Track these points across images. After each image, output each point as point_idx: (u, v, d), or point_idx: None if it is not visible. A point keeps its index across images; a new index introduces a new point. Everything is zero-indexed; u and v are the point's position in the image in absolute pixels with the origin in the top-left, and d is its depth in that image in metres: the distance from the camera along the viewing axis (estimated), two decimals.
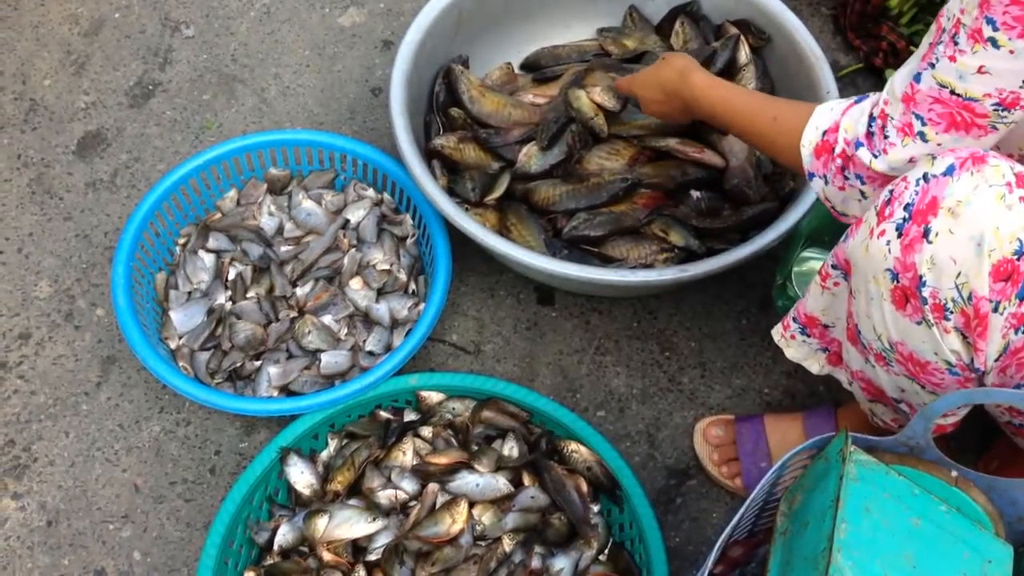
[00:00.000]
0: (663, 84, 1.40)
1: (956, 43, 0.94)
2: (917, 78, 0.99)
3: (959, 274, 0.95)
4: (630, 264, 1.53)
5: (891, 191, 1.02)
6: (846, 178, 1.09)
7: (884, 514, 1.00)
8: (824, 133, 1.11)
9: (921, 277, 0.97)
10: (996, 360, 1.01)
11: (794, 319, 1.28)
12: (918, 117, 1.00)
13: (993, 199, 0.93)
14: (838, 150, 1.09)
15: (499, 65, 1.78)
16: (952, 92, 0.96)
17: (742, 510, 1.12)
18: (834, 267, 1.15)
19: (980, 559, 0.99)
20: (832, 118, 1.11)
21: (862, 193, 1.09)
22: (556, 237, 1.57)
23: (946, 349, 1.01)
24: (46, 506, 1.48)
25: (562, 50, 1.81)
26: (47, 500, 1.49)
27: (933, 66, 0.97)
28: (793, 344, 1.30)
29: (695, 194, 1.59)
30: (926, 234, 0.96)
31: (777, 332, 1.32)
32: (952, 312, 0.98)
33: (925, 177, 0.98)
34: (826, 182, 1.12)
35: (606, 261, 1.54)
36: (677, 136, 1.60)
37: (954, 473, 1.08)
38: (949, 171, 0.97)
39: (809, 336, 1.28)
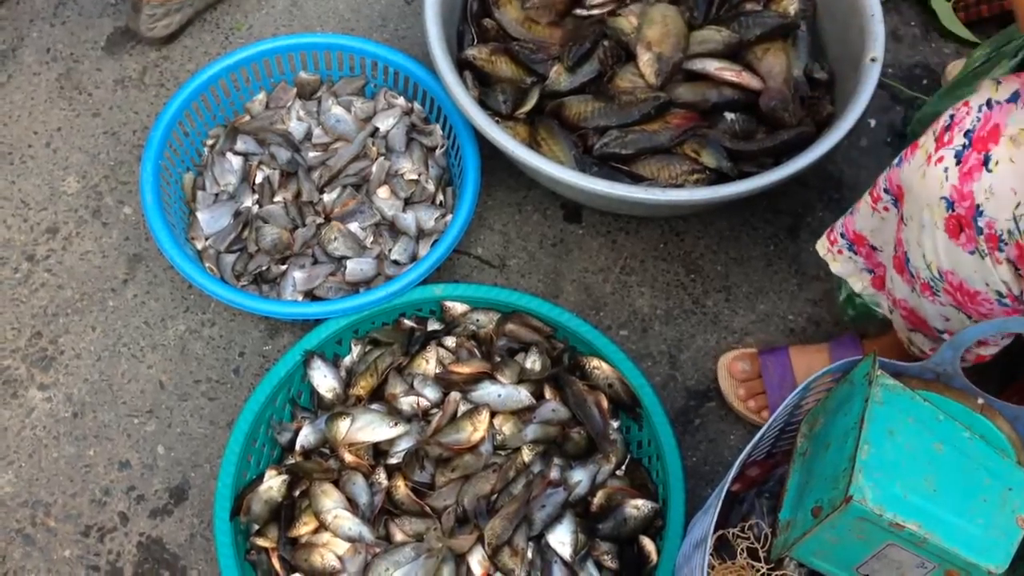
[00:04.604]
0: None
1: None
2: None
3: (1018, 205, 0.93)
4: (660, 184, 1.52)
5: (952, 116, 0.98)
6: None
7: (907, 438, 1.00)
8: None
9: (978, 207, 0.95)
10: None
11: (842, 234, 1.26)
12: None
13: None
14: None
15: None
16: None
17: (763, 429, 1.13)
18: (886, 191, 1.12)
19: (1001, 486, 0.99)
20: None
21: None
22: (586, 154, 1.55)
23: (997, 279, 1.00)
24: (72, 398, 1.50)
25: None
26: (73, 392, 1.51)
27: None
28: (840, 259, 1.28)
29: (729, 116, 1.56)
30: (986, 162, 0.93)
31: (823, 245, 1.29)
32: (1007, 244, 0.96)
33: (989, 103, 0.95)
34: None
35: (636, 180, 1.53)
36: (715, 57, 1.57)
37: (980, 401, 1.08)
38: (1014, 98, 0.93)
39: (856, 254, 1.25)
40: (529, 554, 1.29)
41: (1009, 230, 0.95)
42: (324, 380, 1.42)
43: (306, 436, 1.38)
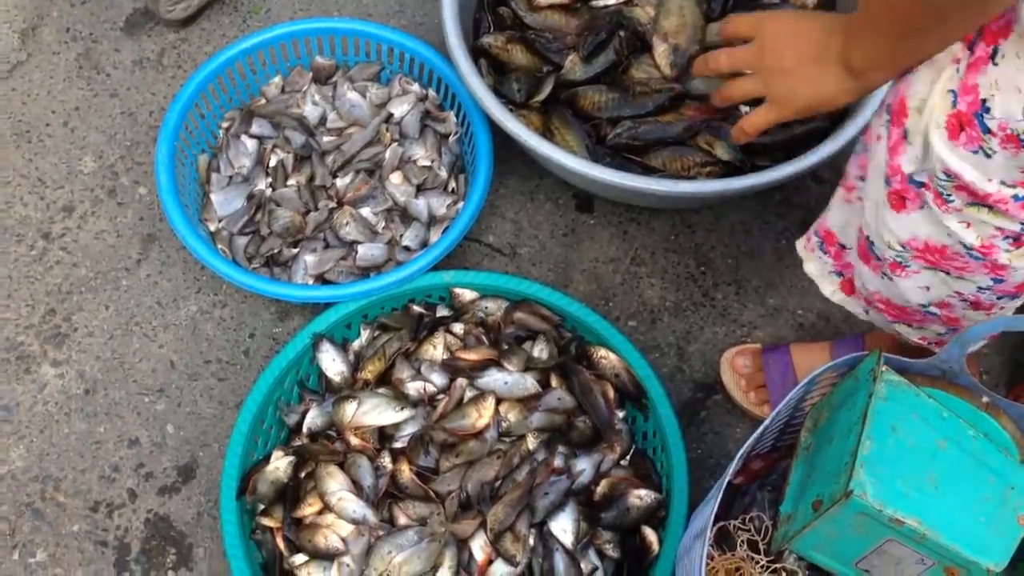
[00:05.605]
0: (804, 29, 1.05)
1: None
2: None
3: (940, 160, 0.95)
4: (672, 175, 1.51)
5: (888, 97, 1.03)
6: None
7: (910, 434, 1.00)
8: None
9: (910, 176, 0.98)
10: None
11: (816, 232, 1.27)
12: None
13: (928, 80, 0.94)
14: None
15: None
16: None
17: (767, 422, 1.13)
18: (860, 178, 1.13)
19: (1003, 484, 0.99)
20: None
21: None
22: (599, 144, 1.55)
23: (959, 230, 0.99)
24: (84, 375, 1.52)
25: None
26: (85, 370, 1.52)
27: None
28: (812, 258, 1.29)
29: (744, 108, 1.56)
30: (905, 135, 0.97)
31: (801, 242, 1.30)
32: (952, 198, 0.96)
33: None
34: None
35: (648, 171, 1.53)
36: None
37: (985, 399, 1.08)
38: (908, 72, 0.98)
39: (825, 253, 1.26)
40: (531, 541, 1.29)
41: (941, 185, 0.96)
42: (332, 363, 1.43)
43: (313, 418, 1.39)
